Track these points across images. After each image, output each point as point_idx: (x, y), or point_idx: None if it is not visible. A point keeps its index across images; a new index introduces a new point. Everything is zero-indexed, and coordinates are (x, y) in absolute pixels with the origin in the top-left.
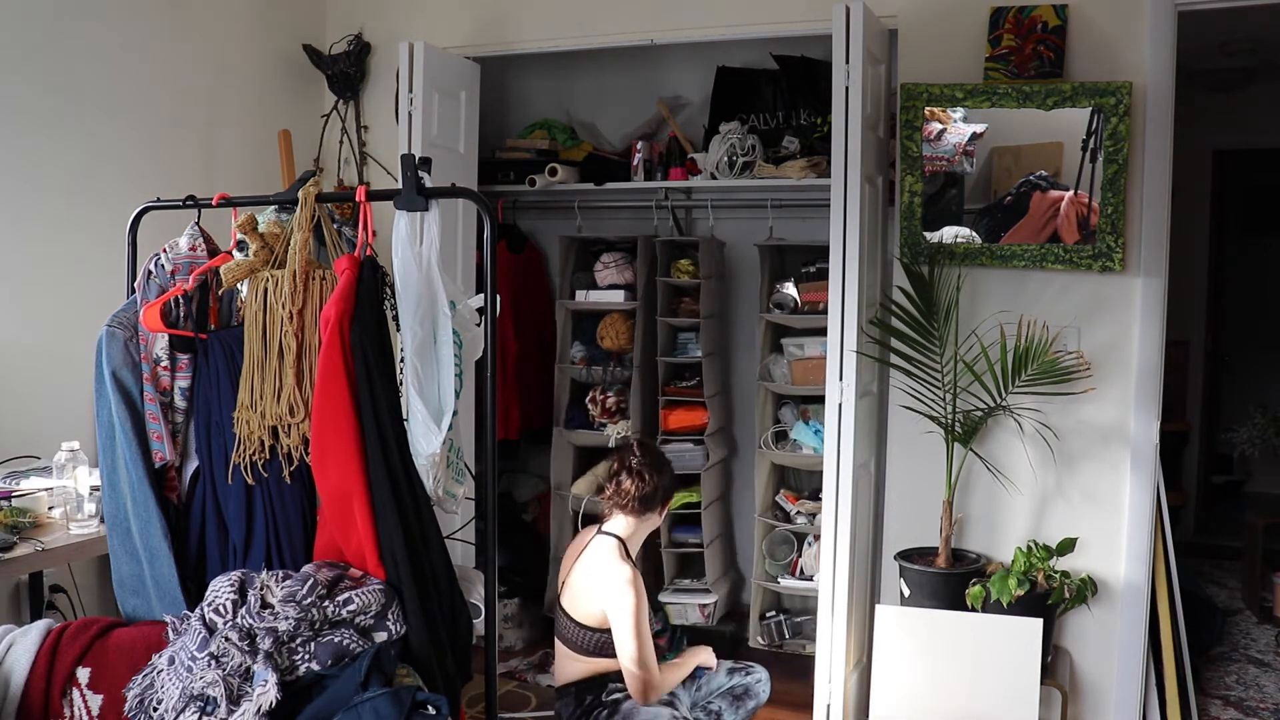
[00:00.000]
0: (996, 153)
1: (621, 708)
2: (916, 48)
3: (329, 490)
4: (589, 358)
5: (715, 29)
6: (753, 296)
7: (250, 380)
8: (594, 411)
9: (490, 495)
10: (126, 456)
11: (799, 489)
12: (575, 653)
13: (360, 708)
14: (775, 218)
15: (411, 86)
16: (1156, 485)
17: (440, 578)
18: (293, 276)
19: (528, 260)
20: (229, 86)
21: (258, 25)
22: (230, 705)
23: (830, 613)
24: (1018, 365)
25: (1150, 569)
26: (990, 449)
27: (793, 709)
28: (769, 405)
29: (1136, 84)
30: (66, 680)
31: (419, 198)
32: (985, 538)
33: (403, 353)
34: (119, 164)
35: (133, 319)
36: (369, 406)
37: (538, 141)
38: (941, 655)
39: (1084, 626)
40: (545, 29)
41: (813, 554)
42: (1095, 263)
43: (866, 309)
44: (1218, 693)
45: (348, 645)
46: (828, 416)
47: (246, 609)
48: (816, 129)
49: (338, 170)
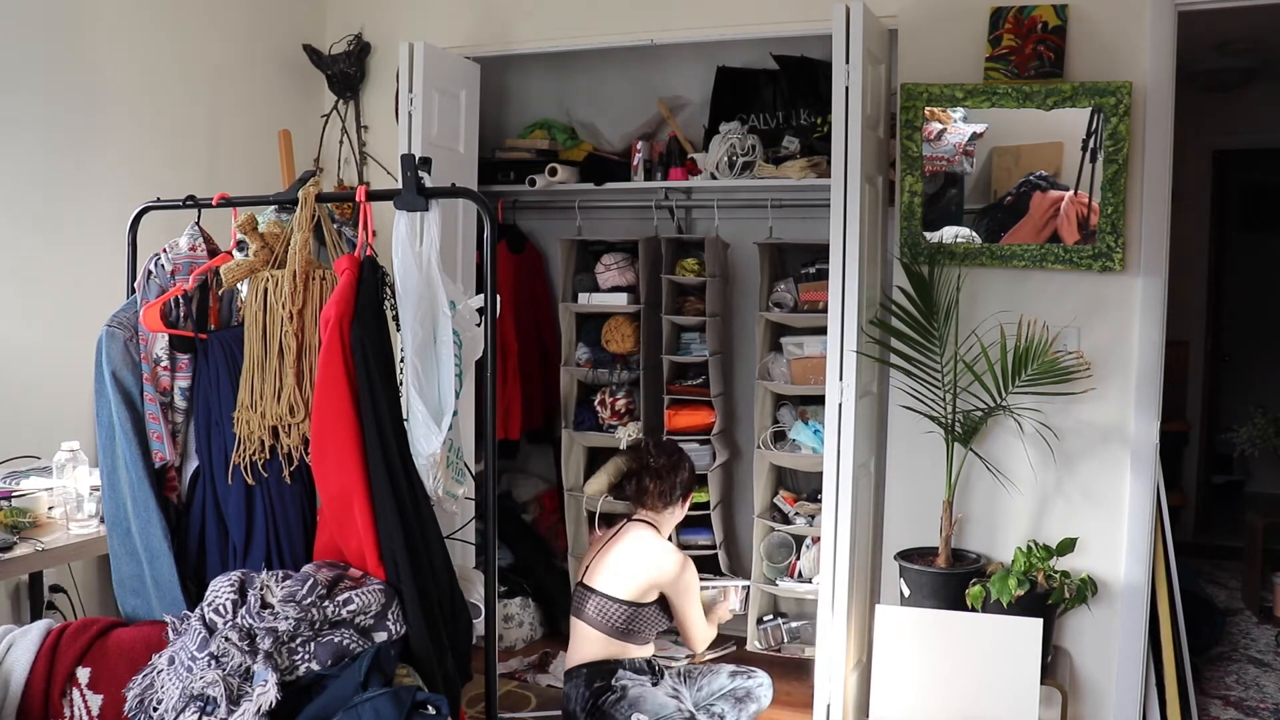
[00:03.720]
0: (996, 153)
1: (629, 694)
2: (916, 48)
3: (329, 490)
4: (594, 360)
5: (715, 29)
6: (753, 297)
7: (250, 380)
8: (604, 414)
9: (490, 495)
10: (126, 456)
11: (797, 490)
12: (597, 630)
13: (360, 708)
14: (775, 218)
15: (411, 86)
16: (1156, 485)
17: (440, 578)
18: (293, 276)
19: (528, 260)
20: (229, 86)
21: (258, 25)
22: (230, 705)
23: (830, 612)
24: (1018, 365)
25: (1150, 569)
26: (990, 449)
27: (793, 709)
28: (768, 405)
29: (1136, 84)
30: (66, 680)
31: (419, 198)
32: (985, 538)
33: (403, 353)
34: (119, 164)
35: (133, 319)
36: (369, 406)
37: (538, 141)
38: (941, 655)
39: (1084, 626)
40: (545, 29)
41: (811, 557)
42: (1095, 262)
43: (866, 309)
44: (1218, 693)
45: (348, 645)
46: (828, 416)
47: (246, 609)
48: (816, 129)
49: (338, 170)
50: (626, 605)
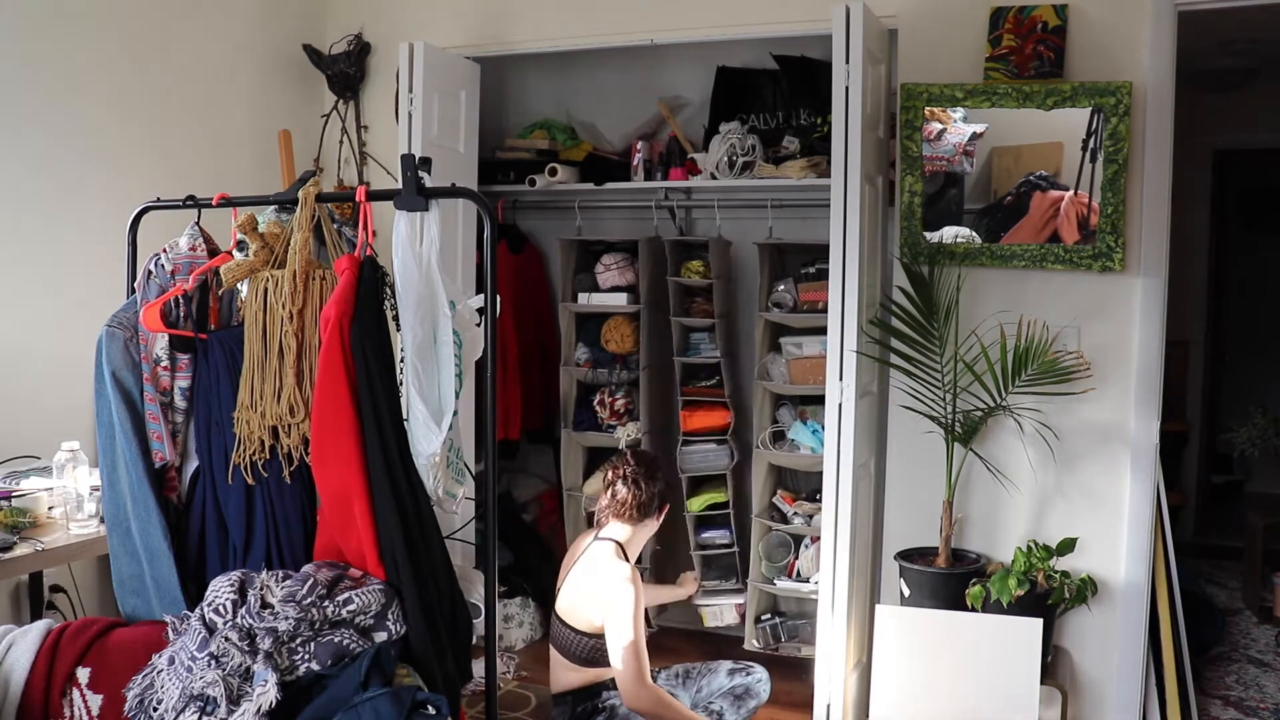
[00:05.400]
0: (996, 153)
1: (619, 712)
2: (916, 48)
3: (329, 490)
4: (593, 360)
5: (715, 29)
6: (753, 297)
7: (250, 380)
8: (603, 414)
9: (490, 495)
10: (126, 456)
11: (796, 490)
12: (570, 661)
13: (360, 708)
14: (775, 217)
15: (411, 86)
16: (1156, 485)
17: (440, 578)
18: (293, 276)
19: (528, 260)
20: (229, 86)
21: (258, 25)
22: (230, 705)
23: (830, 612)
24: (1018, 365)
25: (1150, 569)
26: (990, 449)
27: (793, 709)
28: (767, 405)
29: (1136, 84)
30: (66, 680)
31: (419, 198)
32: (985, 538)
33: (403, 353)
34: (119, 164)
35: (133, 319)
36: (369, 406)
37: (538, 141)
38: (942, 655)
39: (1084, 626)
40: (545, 29)
41: (810, 556)
42: (1095, 263)
43: (866, 309)
44: (1218, 693)
45: (348, 645)
46: (828, 416)
47: (246, 609)
48: (816, 129)
49: (338, 170)
50: (587, 637)
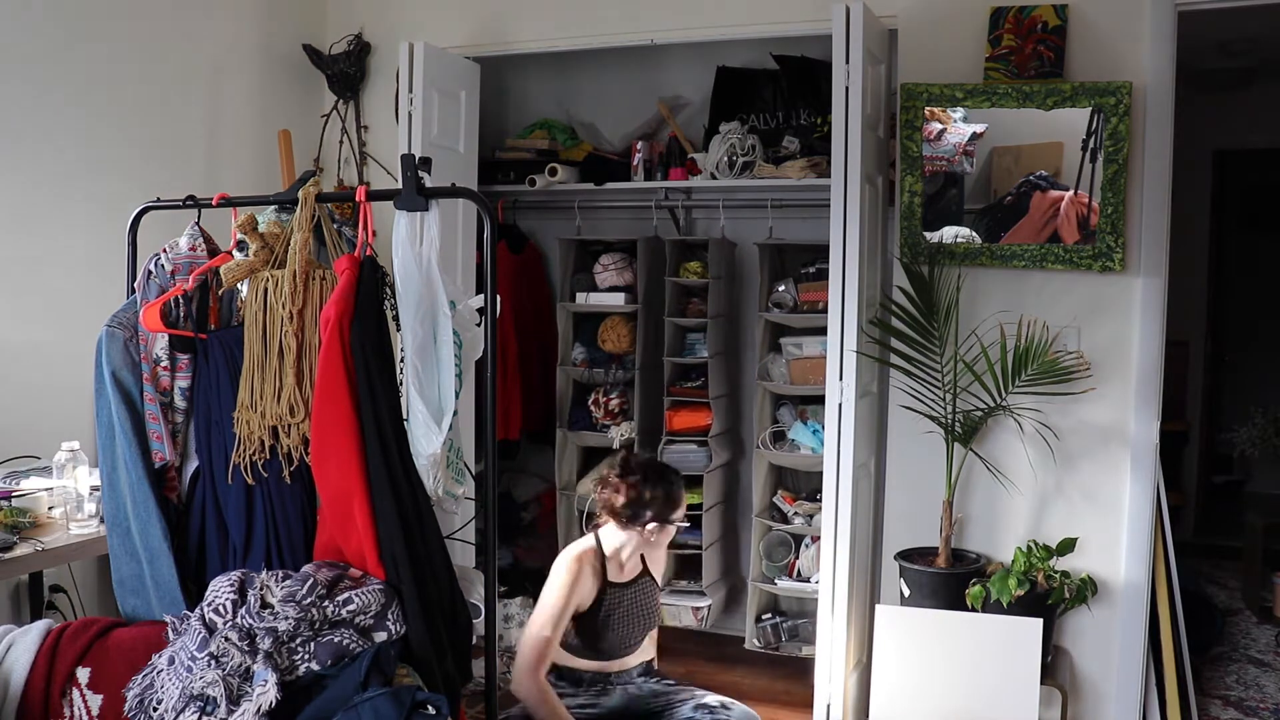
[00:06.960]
0: (996, 153)
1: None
2: (916, 48)
3: (329, 490)
4: (590, 360)
5: (715, 29)
6: (753, 297)
7: (250, 380)
8: (597, 414)
9: (490, 495)
10: (126, 456)
11: (796, 490)
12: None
13: (360, 708)
14: (775, 217)
15: (411, 86)
16: (1156, 485)
17: (440, 578)
18: (293, 276)
19: (528, 260)
20: (229, 86)
21: (258, 25)
22: (230, 705)
23: (830, 612)
24: (1018, 365)
25: (1150, 569)
26: (990, 449)
27: (792, 709)
28: (767, 405)
29: (1136, 84)
30: (66, 680)
31: (419, 198)
32: (985, 538)
33: (403, 353)
34: (119, 164)
35: (133, 319)
36: (369, 406)
37: (538, 141)
38: (941, 655)
39: (1084, 626)
40: (545, 29)
41: (810, 555)
42: (1095, 263)
43: (866, 309)
44: (1218, 693)
45: (348, 645)
46: (828, 416)
47: (246, 609)
48: (816, 129)
49: (338, 170)
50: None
